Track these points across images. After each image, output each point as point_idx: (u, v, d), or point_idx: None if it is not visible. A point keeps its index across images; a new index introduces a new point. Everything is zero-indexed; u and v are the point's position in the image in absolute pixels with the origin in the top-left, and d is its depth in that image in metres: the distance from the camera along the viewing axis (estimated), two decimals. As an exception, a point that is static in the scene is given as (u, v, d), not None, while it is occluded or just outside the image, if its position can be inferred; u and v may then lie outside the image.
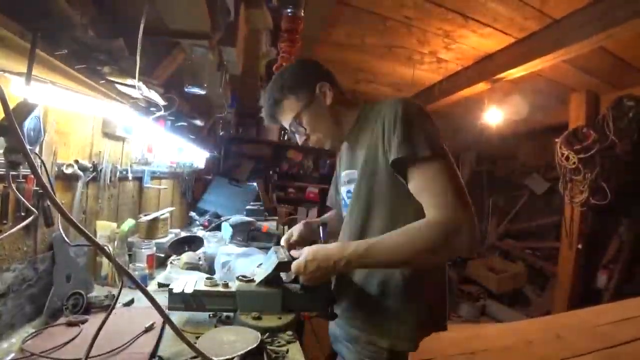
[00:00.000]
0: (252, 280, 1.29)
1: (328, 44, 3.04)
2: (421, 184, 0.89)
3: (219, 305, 1.24)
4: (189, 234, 2.20)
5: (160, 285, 1.47)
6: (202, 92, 1.39)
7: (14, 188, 0.88)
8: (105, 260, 1.49)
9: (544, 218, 4.67)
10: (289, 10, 1.46)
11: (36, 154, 1.03)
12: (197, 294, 1.20)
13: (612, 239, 3.52)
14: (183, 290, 1.17)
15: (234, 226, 2.27)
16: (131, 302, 1.34)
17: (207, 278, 1.34)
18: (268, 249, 1.55)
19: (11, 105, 0.67)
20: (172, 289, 1.16)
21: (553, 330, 1.80)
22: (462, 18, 2.43)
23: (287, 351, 1.04)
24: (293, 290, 1.20)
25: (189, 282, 1.25)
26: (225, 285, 1.28)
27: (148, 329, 1.06)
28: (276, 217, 2.87)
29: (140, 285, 0.82)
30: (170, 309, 1.13)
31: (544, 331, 1.86)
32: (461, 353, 1.67)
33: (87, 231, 0.70)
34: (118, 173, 1.66)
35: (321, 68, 1.15)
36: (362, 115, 1.12)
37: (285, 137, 4.74)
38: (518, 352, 1.64)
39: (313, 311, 1.30)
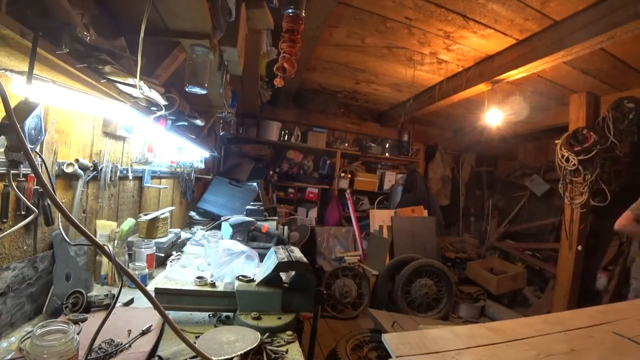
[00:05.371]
0: (252, 280, 1.29)
1: (328, 44, 3.04)
2: None
3: (205, 305, 1.26)
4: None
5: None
6: (203, 92, 1.39)
7: (15, 187, 0.88)
8: (105, 260, 1.49)
9: (543, 219, 4.67)
10: (290, 11, 1.46)
11: (37, 152, 1.03)
12: (180, 292, 1.22)
13: (611, 241, 3.52)
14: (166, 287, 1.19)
15: (234, 226, 2.27)
16: (131, 301, 1.34)
17: (197, 277, 1.35)
18: (268, 249, 1.56)
19: (12, 104, 0.67)
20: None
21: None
22: (462, 19, 2.43)
23: (287, 351, 1.04)
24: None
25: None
26: (212, 285, 1.29)
27: (147, 329, 1.06)
28: (276, 217, 2.87)
29: (140, 284, 0.82)
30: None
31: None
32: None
33: (87, 230, 0.70)
34: (118, 172, 1.66)
35: None
36: None
37: (286, 138, 4.75)
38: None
39: (305, 310, 1.31)
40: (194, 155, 2.84)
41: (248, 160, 4.40)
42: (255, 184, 3.59)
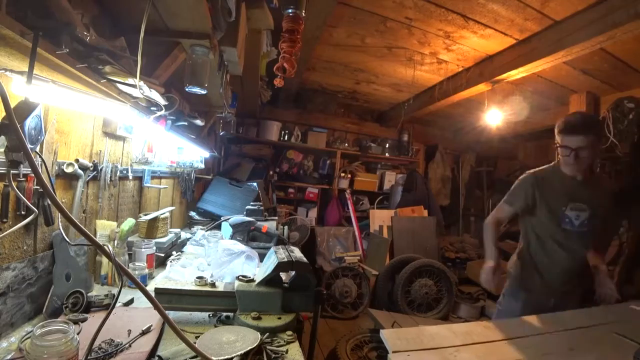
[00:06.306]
0: (252, 280, 1.29)
1: (328, 44, 3.04)
2: None
3: (205, 305, 1.26)
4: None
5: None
6: (203, 92, 1.39)
7: (15, 187, 0.87)
8: (105, 260, 1.49)
9: (543, 219, 4.66)
10: (290, 11, 1.46)
11: (37, 152, 1.03)
12: (180, 292, 1.22)
13: (612, 241, 3.51)
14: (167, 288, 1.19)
15: (234, 226, 2.27)
16: (131, 301, 1.34)
17: (197, 277, 1.35)
18: (268, 249, 1.56)
19: (12, 104, 0.67)
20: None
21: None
22: (462, 19, 2.43)
23: (287, 351, 1.04)
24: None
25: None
26: (212, 285, 1.29)
27: (147, 329, 1.06)
28: (276, 217, 2.87)
29: (140, 284, 0.82)
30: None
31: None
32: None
33: (87, 230, 0.70)
34: (118, 172, 1.66)
35: None
36: None
37: (286, 138, 4.75)
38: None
39: (305, 310, 1.31)
40: (194, 155, 2.84)
41: (248, 160, 4.40)
42: (255, 184, 3.59)
